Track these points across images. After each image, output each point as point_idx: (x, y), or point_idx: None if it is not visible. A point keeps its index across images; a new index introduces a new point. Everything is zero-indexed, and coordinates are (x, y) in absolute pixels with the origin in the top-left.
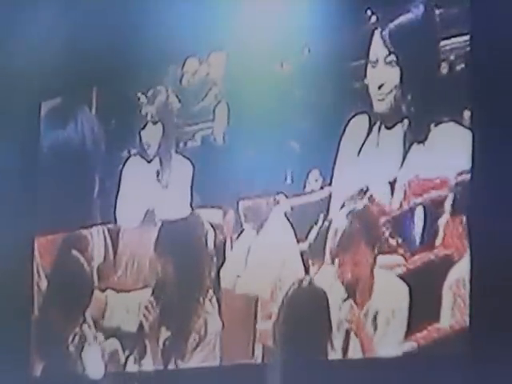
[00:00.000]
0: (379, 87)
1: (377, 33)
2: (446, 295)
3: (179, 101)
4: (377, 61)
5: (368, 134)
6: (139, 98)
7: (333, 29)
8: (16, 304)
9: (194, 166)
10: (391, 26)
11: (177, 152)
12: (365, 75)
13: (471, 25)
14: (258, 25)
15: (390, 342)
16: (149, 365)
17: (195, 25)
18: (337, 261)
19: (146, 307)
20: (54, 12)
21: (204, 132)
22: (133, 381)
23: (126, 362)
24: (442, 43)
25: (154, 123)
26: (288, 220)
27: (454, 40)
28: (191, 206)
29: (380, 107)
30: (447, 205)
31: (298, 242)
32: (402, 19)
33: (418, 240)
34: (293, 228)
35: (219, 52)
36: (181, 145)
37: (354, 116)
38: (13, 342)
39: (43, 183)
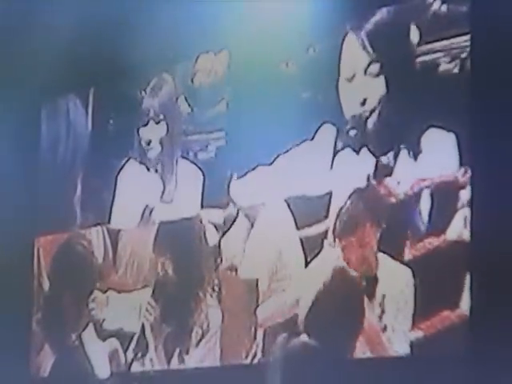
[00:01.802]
0: (362, 104)
1: (351, 40)
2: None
3: (189, 104)
4: (354, 75)
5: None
6: (142, 97)
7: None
8: (16, 304)
9: (204, 175)
10: (368, 30)
11: (183, 157)
12: None
13: (471, 24)
14: (263, 24)
15: (397, 331)
16: (151, 363)
17: (198, 25)
18: (340, 244)
19: (147, 309)
20: (56, 10)
21: (219, 142)
22: (133, 380)
23: (126, 362)
24: (443, 43)
25: (157, 122)
26: (288, 205)
27: (453, 40)
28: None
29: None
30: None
31: (297, 228)
32: (378, 20)
33: (425, 225)
34: (292, 214)
35: (224, 51)
36: (190, 154)
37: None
38: (13, 342)
39: (43, 183)
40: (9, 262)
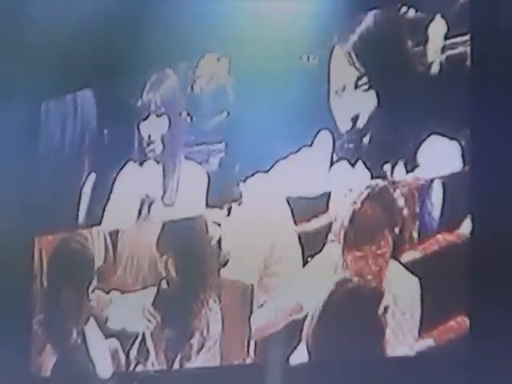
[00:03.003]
0: (353, 120)
1: (339, 51)
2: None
3: (188, 114)
4: (344, 88)
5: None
6: (141, 96)
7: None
8: (16, 303)
9: (208, 175)
10: (355, 40)
11: (186, 158)
12: None
13: (471, 24)
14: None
15: (403, 341)
16: (151, 365)
17: (213, 17)
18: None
19: (148, 318)
20: (56, 9)
21: (222, 154)
22: (133, 381)
23: (127, 363)
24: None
25: (158, 115)
26: (288, 204)
27: (453, 40)
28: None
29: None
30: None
31: (295, 224)
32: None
33: (435, 220)
34: (292, 212)
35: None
36: None
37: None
38: (13, 342)
39: (43, 183)
40: (8, 261)
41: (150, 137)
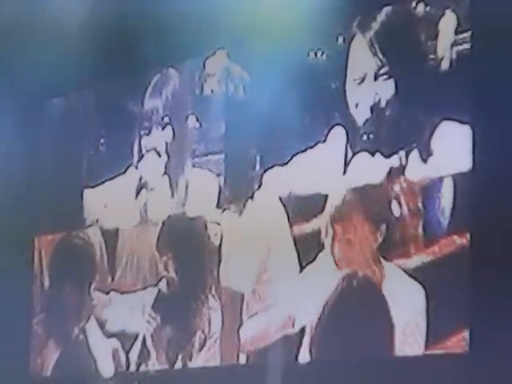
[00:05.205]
0: (371, 109)
1: (361, 40)
2: None
3: (197, 119)
4: (364, 76)
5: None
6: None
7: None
8: (16, 303)
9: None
10: (377, 31)
11: (194, 166)
12: None
13: (472, 21)
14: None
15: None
16: (152, 366)
17: (218, 13)
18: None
19: (148, 321)
20: (56, 8)
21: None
22: (134, 380)
23: (127, 363)
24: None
25: (162, 127)
26: (283, 204)
27: (454, 37)
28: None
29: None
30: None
31: (291, 226)
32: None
33: (442, 222)
34: (287, 212)
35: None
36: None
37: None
38: (13, 342)
39: (43, 183)
40: (8, 261)
41: (154, 150)
